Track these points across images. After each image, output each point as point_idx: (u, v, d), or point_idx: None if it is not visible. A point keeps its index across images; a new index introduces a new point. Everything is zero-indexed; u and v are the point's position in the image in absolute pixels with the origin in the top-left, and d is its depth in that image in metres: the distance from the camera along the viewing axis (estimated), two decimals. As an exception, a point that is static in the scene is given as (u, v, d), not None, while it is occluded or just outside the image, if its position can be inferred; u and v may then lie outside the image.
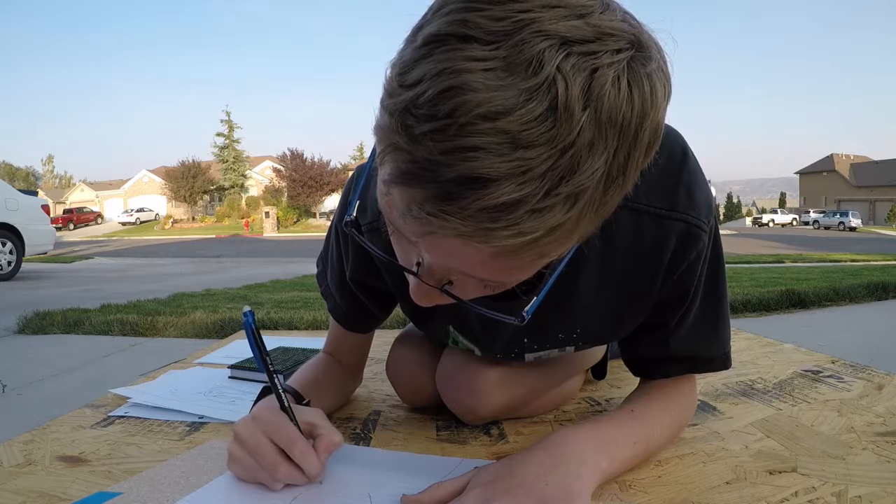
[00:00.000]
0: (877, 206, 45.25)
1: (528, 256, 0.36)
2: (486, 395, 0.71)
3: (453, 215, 0.33)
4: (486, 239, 0.34)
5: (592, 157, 0.32)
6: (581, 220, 0.35)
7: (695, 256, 0.58)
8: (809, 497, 0.54)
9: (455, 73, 0.31)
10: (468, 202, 0.32)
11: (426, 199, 0.34)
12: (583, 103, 0.31)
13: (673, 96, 0.36)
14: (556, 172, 0.32)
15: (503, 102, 0.30)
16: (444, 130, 0.31)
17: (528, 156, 0.31)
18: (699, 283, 0.61)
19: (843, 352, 1.20)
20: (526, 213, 0.32)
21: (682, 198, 0.55)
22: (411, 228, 0.37)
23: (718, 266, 0.62)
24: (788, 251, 12.13)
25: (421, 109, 0.32)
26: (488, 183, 0.31)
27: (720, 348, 0.66)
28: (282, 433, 0.55)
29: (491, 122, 0.31)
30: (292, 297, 4.29)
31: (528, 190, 0.32)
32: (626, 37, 0.33)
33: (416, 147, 0.32)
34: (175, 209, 39.64)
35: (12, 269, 6.25)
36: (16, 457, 0.68)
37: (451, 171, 0.32)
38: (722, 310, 0.65)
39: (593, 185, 0.33)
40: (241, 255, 12.50)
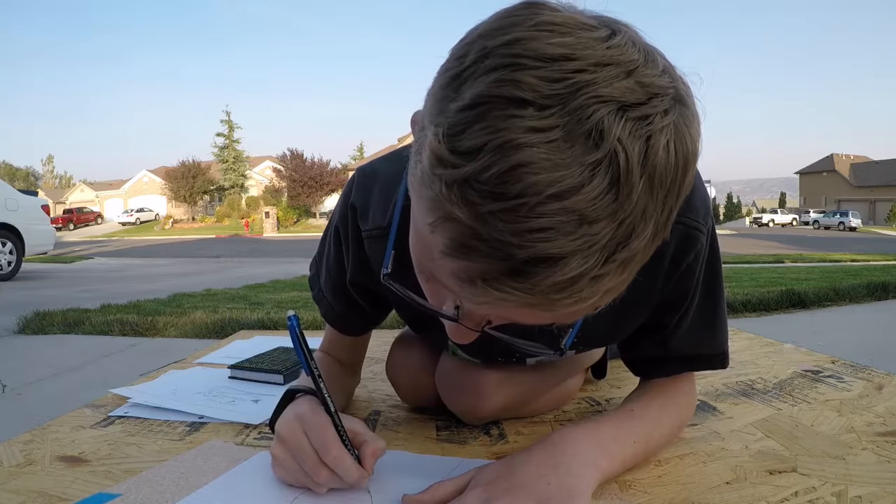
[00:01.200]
0: (877, 206, 45.25)
1: (581, 313, 0.37)
2: (486, 395, 0.71)
3: (522, 291, 0.33)
4: (550, 308, 0.35)
5: (645, 223, 0.33)
6: (630, 276, 0.36)
7: (693, 258, 0.58)
8: (809, 497, 0.54)
9: (518, 147, 0.30)
10: (539, 279, 0.33)
11: (490, 274, 0.33)
12: (640, 172, 0.31)
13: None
14: (614, 241, 0.32)
15: (570, 181, 0.30)
16: (516, 211, 0.31)
17: (593, 231, 0.31)
18: (697, 284, 0.61)
19: (843, 352, 1.20)
20: (587, 282, 0.33)
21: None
22: (468, 295, 0.36)
23: (716, 267, 0.63)
24: (788, 251, 12.13)
25: (486, 186, 0.31)
26: (558, 261, 0.32)
27: (718, 347, 0.67)
28: (319, 435, 0.54)
29: (560, 201, 0.30)
30: (292, 297, 4.29)
31: (591, 262, 0.32)
32: (670, 93, 0.33)
33: (482, 225, 0.32)
34: (175, 209, 39.64)
35: (12, 269, 6.25)
36: (16, 457, 0.68)
37: (523, 252, 0.32)
38: (720, 310, 0.65)
39: (644, 247, 0.34)
40: (241, 255, 12.49)
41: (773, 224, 40.60)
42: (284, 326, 2.86)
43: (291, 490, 0.56)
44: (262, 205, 32.93)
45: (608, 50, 0.32)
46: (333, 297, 0.75)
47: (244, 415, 0.82)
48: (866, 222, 39.26)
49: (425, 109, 0.36)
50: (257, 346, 1.28)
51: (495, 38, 0.33)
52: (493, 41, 0.33)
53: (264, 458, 0.64)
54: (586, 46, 0.32)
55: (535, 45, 0.31)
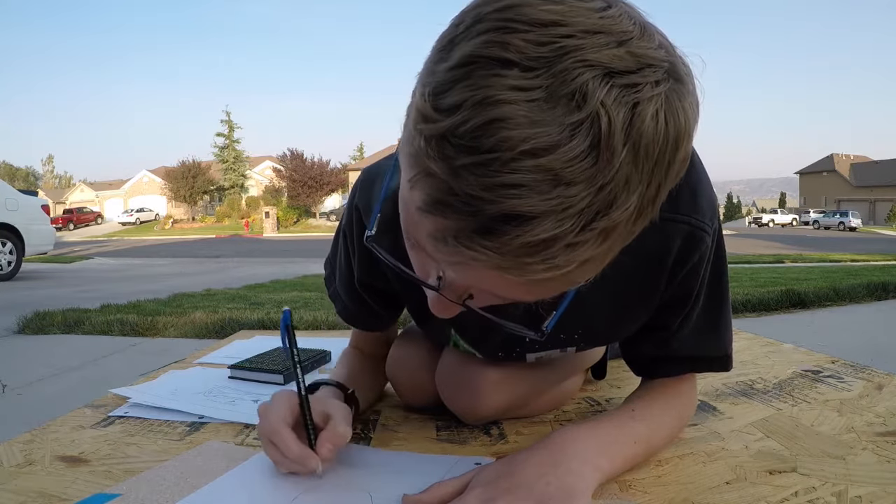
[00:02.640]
0: (877, 206, 45.24)
1: (558, 284, 0.36)
2: (486, 394, 0.71)
3: (491, 250, 0.33)
4: (521, 272, 0.34)
5: (628, 193, 0.32)
6: (613, 250, 0.35)
7: (698, 259, 0.58)
8: (809, 497, 0.54)
9: (496, 103, 0.30)
10: (508, 238, 0.32)
11: (462, 231, 0.33)
12: (623, 138, 0.31)
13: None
14: (592, 208, 0.31)
15: (547, 139, 0.30)
16: (487, 165, 0.30)
17: (569, 193, 0.31)
18: (702, 284, 0.61)
19: (843, 352, 1.20)
20: (561, 248, 0.32)
21: (686, 200, 0.55)
22: (441, 255, 0.36)
23: (721, 268, 0.62)
24: (788, 251, 12.13)
25: (462, 140, 0.31)
26: (529, 220, 0.31)
27: (721, 349, 0.66)
28: (273, 415, 0.57)
29: (535, 158, 0.30)
30: (292, 297, 4.29)
31: (566, 226, 0.31)
32: (664, 66, 0.33)
33: (455, 179, 0.32)
34: (175, 209, 39.64)
35: (12, 269, 6.25)
36: (16, 457, 0.68)
37: (493, 208, 0.31)
38: (724, 311, 0.65)
39: (626, 219, 0.33)
40: (241, 255, 12.49)
41: (773, 224, 40.59)
42: (284, 326, 2.86)
43: (291, 490, 0.56)
44: (262, 205, 32.94)
45: (601, 19, 0.32)
46: (347, 296, 0.76)
47: (244, 415, 0.82)
48: (866, 222, 39.25)
49: (419, 74, 0.35)
50: (257, 346, 1.28)
51: (490, 5, 0.33)
52: (488, 7, 0.33)
53: (264, 459, 0.64)
54: (578, 14, 0.31)
55: (527, 10, 0.31)
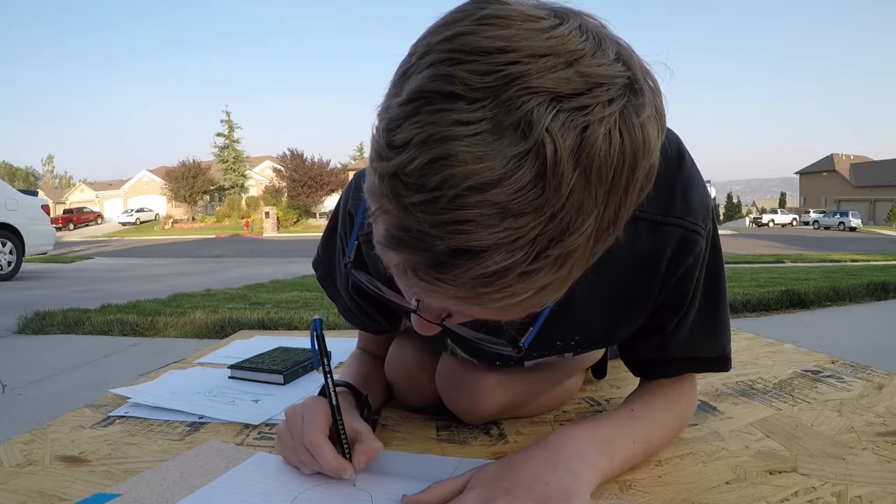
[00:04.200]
0: (877, 206, 45.24)
1: (522, 309, 0.37)
2: (486, 394, 0.71)
3: (446, 282, 0.33)
4: (479, 302, 0.34)
5: (582, 218, 0.32)
6: (573, 273, 0.35)
7: (692, 261, 0.57)
8: (809, 497, 0.54)
9: (442, 140, 0.30)
10: (461, 272, 0.32)
11: (419, 265, 0.34)
12: (573, 164, 0.30)
13: (673, 96, 0.36)
14: (545, 237, 0.31)
15: (491, 173, 0.30)
16: (434, 202, 0.31)
17: (517, 225, 0.31)
18: (697, 286, 0.61)
19: (843, 352, 1.20)
20: (516, 276, 0.33)
21: (678, 202, 0.55)
22: (405, 285, 0.37)
23: (717, 269, 0.62)
24: (788, 251, 12.13)
25: (410, 178, 0.31)
26: (480, 253, 0.31)
27: (720, 350, 0.66)
28: (309, 419, 0.58)
29: (480, 193, 0.30)
30: (292, 297, 4.29)
31: (517, 257, 0.31)
32: (619, 82, 0.32)
33: (406, 216, 0.32)
34: (175, 209, 39.64)
35: (12, 269, 6.24)
36: (16, 457, 0.68)
37: (442, 243, 0.32)
38: (721, 312, 0.65)
39: (583, 243, 0.33)
40: (241, 255, 12.49)
41: (773, 224, 40.58)
42: (284, 327, 2.86)
43: (291, 490, 0.56)
44: (262, 205, 32.95)
45: (548, 40, 0.31)
46: (347, 298, 0.76)
47: (244, 415, 0.82)
48: (866, 222, 39.25)
49: (378, 107, 0.35)
50: (257, 346, 1.28)
51: (439, 34, 0.33)
52: (437, 37, 0.33)
53: (264, 458, 0.64)
54: (524, 38, 0.31)
55: (472, 39, 0.31)
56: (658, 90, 0.35)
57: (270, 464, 0.63)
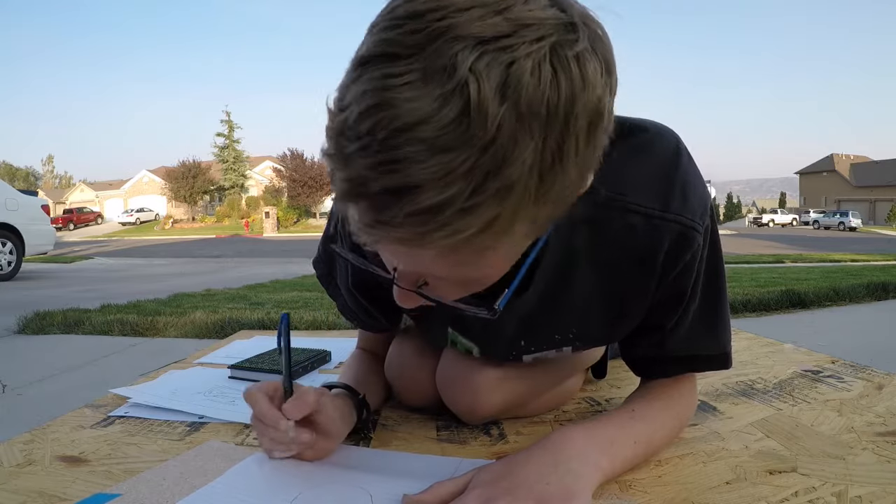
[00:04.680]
0: (877, 206, 45.24)
1: (471, 251, 0.37)
2: (485, 394, 0.71)
3: (387, 224, 0.35)
4: (422, 242, 0.35)
5: (518, 150, 0.32)
6: (519, 210, 0.35)
7: (690, 258, 0.57)
8: (809, 497, 0.54)
9: (376, 91, 0.32)
10: (396, 211, 0.34)
11: (364, 213, 0.35)
12: (499, 99, 0.31)
13: (673, 96, 0.37)
14: (480, 170, 0.32)
15: (418, 112, 0.31)
16: (369, 146, 0.32)
17: (447, 159, 0.32)
18: (696, 284, 0.61)
19: (843, 352, 1.20)
20: (455, 213, 0.33)
21: (677, 198, 0.54)
22: (363, 240, 0.38)
23: (717, 266, 0.62)
24: (788, 251, 12.13)
25: (350, 130, 0.33)
26: (412, 190, 0.33)
27: (720, 348, 0.66)
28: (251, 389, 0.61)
29: (408, 132, 0.32)
30: (292, 297, 4.29)
31: (453, 191, 0.32)
32: (549, 24, 0.33)
33: (348, 166, 0.34)
34: (175, 209, 39.63)
35: (12, 269, 6.24)
36: (16, 457, 0.68)
37: (377, 184, 0.33)
38: (721, 310, 0.65)
39: (524, 176, 0.33)
40: (241, 255, 12.48)
41: (773, 224, 40.57)
42: (284, 326, 2.86)
43: (291, 490, 0.56)
44: (262, 205, 32.93)
45: None
46: (347, 295, 0.76)
47: (244, 415, 0.81)
48: (866, 222, 39.23)
49: None
50: (257, 346, 1.28)
51: (382, 10, 0.35)
52: (380, 13, 0.35)
53: (264, 458, 0.64)
54: None
55: (408, 5, 0.34)
56: (601, 33, 0.36)
57: (270, 464, 0.63)
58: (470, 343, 0.72)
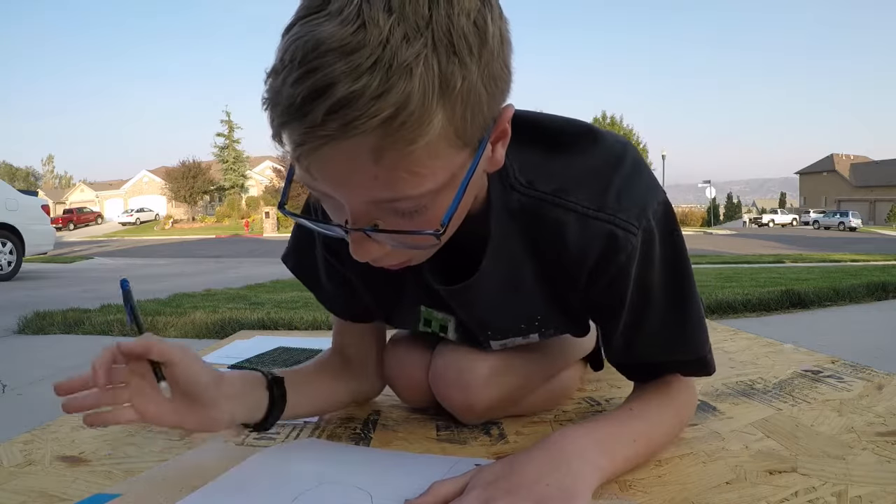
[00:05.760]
0: (877, 206, 45.24)
1: (400, 158, 0.41)
2: (478, 389, 0.72)
3: (313, 129, 0.39)
4: (345, 132, 0.39)
5: (411, 45, 0.38)
6: (427, 98, 0.39)
7: (624, 260, 0.57)
8: (809, 497, 0.54)
9: (295, 36, 0.39)
10: (319, 111, 0.38)
11: (294, 131, 0.40)
12: (387, 13, 0.38)
13: (672, 95, 0.36)
14: (382, 63, 0.38)
15: (326, 34, 0.38)
16: (290, 70, 0.39)
17: (353, 58, 0.38)
18: (643, 288, 0.60)
19: (843, 352, 1.20)
20: (369, 99, 0.38)
21: (611, 199, 0.56)
22: (304, 164, 0.43)
23: (677, 269, 0.61)
24: (788, 251, 12.13)
25: (276, 66, 0.40)
26: (329, 87, 0.38)
27: (692, 353, 0.64)
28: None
29: (320, 47, 0.38)
30: (292, 297, 4.29)
31: (363, 81, 0.38)
32: None
33: (278, 94, 0.40)
34: (175, 209, 39.65)
35: (12, 269, 6.24)
36: (16, 457, 0.68)
37: (300, 95, 0.38)
38: (689, 312, 0.63)
39: (423, 61, 0.39)
40: (241, 255, 12.49)
41: (773, 224, 40.56)
42: (284, 327, 2.86)
43: (291, 490, 0.56)
44: (262, 205, 32.91)
45: None
46: (327, 279, 0.74)
47: (244, 415, 0.81)
48: (866, 222, 39.21)
49: None
50: (257, 346, 1.28)
51: None
52: None
53: (264, 458, 0.64)
54: None
55: None
56: None
57: (270, 464, 0.63)
58: (445, 315, 0.71)
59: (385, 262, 0.51)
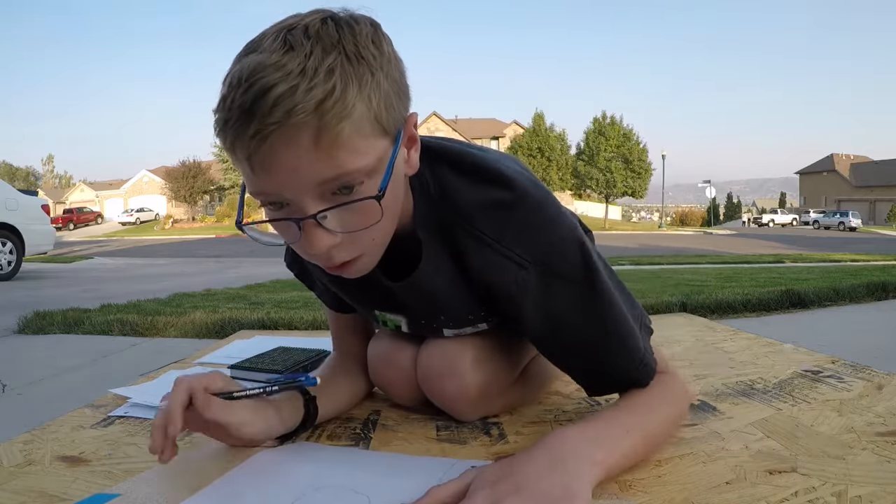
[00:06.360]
0: (877, 206, 45.21)
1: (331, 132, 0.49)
2: (469, 372, 0.73)
3: (263, 117, 0.47)
4: (288, 118, 0.47)
5: (328, 56, 0.49)
6: (347, 88, 0.49)
7: (516, 290, 0.62)
8: (809, 497, 0.54)
9: (238, 65, 0.50)
10: (266, 104, 0.47)
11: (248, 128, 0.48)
12: (307, 38, 0.50)
13: (672, 95, 0.37)
14: (309, 69, 0.48)
15: (263, 59, 0.49)
16: (238, 87, 0.48)
17: (286, 68, 0.48)
18: (552, 316, 0.63)
19: (843, 352, 1.20)
20: (303, 92, 0.47)
21: (510, 234, 0.62)
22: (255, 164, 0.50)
23: (588, 296, 0.63)
24: (788, 251, 12.12)
25: (227, 90, 0.49)
26: (270, 89, 0.47)
27: (630, 365, 0.65)
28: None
29: (259, 66, 0.48)
30: (292, 297, 4.29)
31: (295, 81, 0.47)
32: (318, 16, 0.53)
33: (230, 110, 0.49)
34: (175, 209, 39.61)
35: (12, 269, 6.24)
36: (16, 457, 0.68)
37: (248, 99, 0.48)
38: (612, 338, 0.64)
39: (339, 67, 0.49)
40: (241, 255, 12.48)
41: (773, 224, 40.52)
42: (284, 326, 2.86)
43: (291, 491, 0.56)
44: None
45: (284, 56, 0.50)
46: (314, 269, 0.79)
47: (244, 415, 0.82)
48: (866, 222, 39.18)
49: None
50: (257, 345, 1.28)
51: None
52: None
53: (264, 459, 0.64)
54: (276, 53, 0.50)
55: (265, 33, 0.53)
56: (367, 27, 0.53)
57: (270, 466, 0.63)
58: (396, 317, 0.77)
59: (338, 257, 0.56)
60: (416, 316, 0.75)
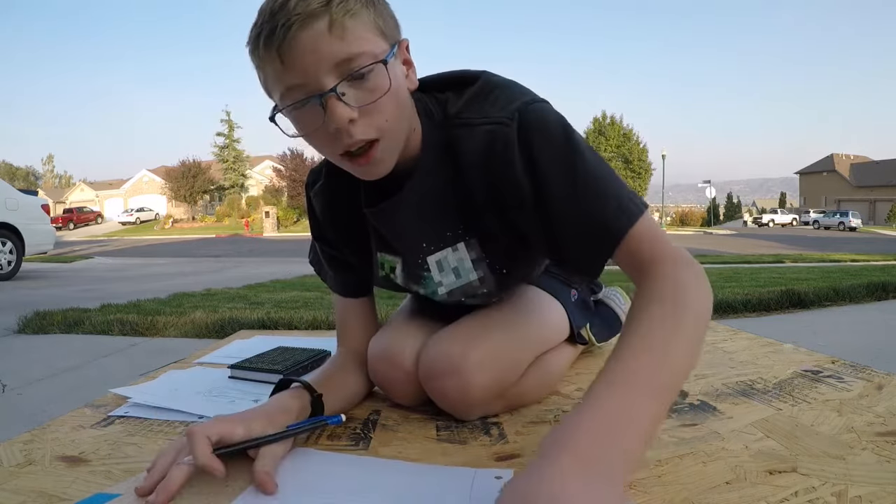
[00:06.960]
0: (877, 206, 45.20)
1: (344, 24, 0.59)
2: (472, 373, 0.73)
3: (289, 12, 0.58)
4: (307, 8, 0.58)
5: None
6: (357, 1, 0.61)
7: (502, 148, 0.66)
8: (809, 497, 0.54)
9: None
10: (291, 5, 0.58)
11: (279, 23, 0.59)
12: None
13: (672, 95, 0.36)
14: None
15: None
16: (272, 2, 0.60)
17: None
18: (538, 175, 0.65)
19: (843, 352, 1.20)
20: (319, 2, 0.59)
21: (488, 106, 0.69)
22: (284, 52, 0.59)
23: (572, 151, 0.65)
24: (788, 251, 12.12)
25: (263, 7, 0.61)
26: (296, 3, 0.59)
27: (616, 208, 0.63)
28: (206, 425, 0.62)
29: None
30: (292, 297, 4.29)
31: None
32: None
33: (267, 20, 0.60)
34: (175, 209, 39.59)
35: (12, 268, 6.24)
36: (16, 457, 0.68)
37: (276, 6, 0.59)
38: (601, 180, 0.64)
39: None
40: (241, 255, 12.48)
41: (773, 224, 40.50)
42: (284, 326, 2.86)
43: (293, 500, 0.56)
44: (262, 204, 32.86)
45: None
46: (327, 261, 0.88)
47: (244, 415, 0.81)
48: (866, 222, 39.16)
49: None
50: (257, 345, 1.28)
51: None
52: None
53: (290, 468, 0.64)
54: None
55: None
56: None
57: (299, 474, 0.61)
58: (393, 258, 0.83)
59: (357, 132, 0.62)
60: (406, 248, 0.80)
